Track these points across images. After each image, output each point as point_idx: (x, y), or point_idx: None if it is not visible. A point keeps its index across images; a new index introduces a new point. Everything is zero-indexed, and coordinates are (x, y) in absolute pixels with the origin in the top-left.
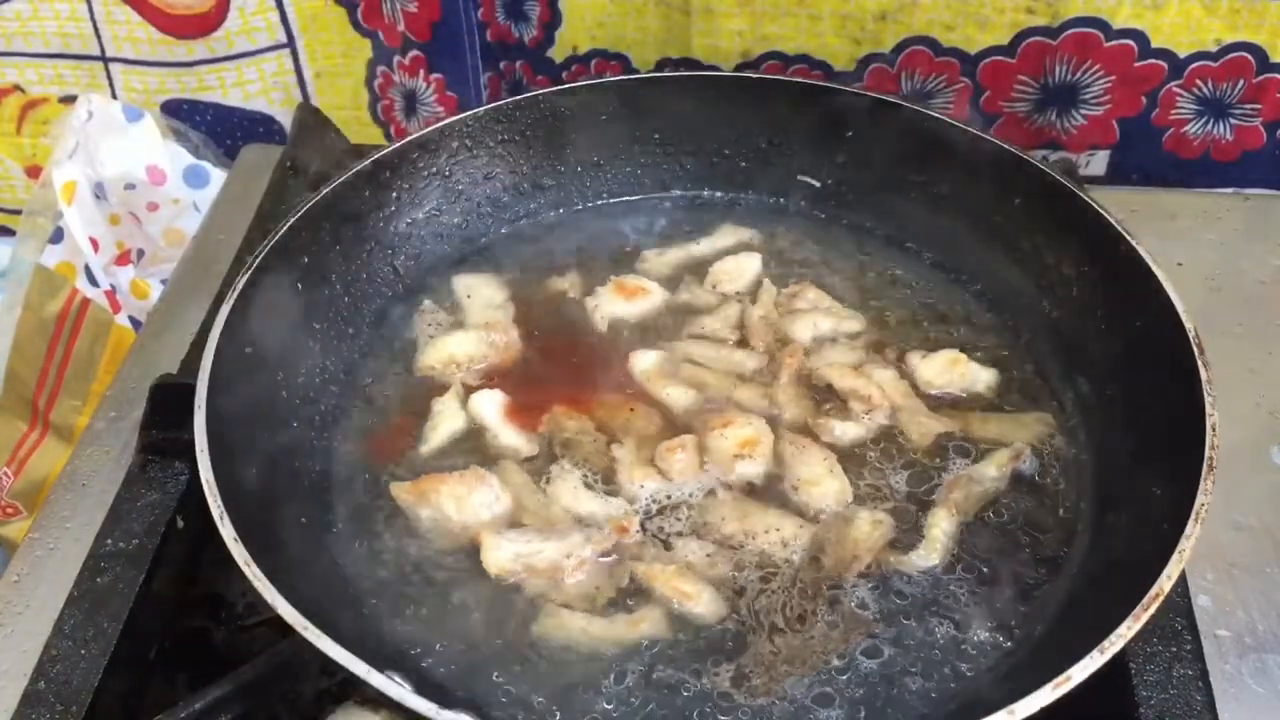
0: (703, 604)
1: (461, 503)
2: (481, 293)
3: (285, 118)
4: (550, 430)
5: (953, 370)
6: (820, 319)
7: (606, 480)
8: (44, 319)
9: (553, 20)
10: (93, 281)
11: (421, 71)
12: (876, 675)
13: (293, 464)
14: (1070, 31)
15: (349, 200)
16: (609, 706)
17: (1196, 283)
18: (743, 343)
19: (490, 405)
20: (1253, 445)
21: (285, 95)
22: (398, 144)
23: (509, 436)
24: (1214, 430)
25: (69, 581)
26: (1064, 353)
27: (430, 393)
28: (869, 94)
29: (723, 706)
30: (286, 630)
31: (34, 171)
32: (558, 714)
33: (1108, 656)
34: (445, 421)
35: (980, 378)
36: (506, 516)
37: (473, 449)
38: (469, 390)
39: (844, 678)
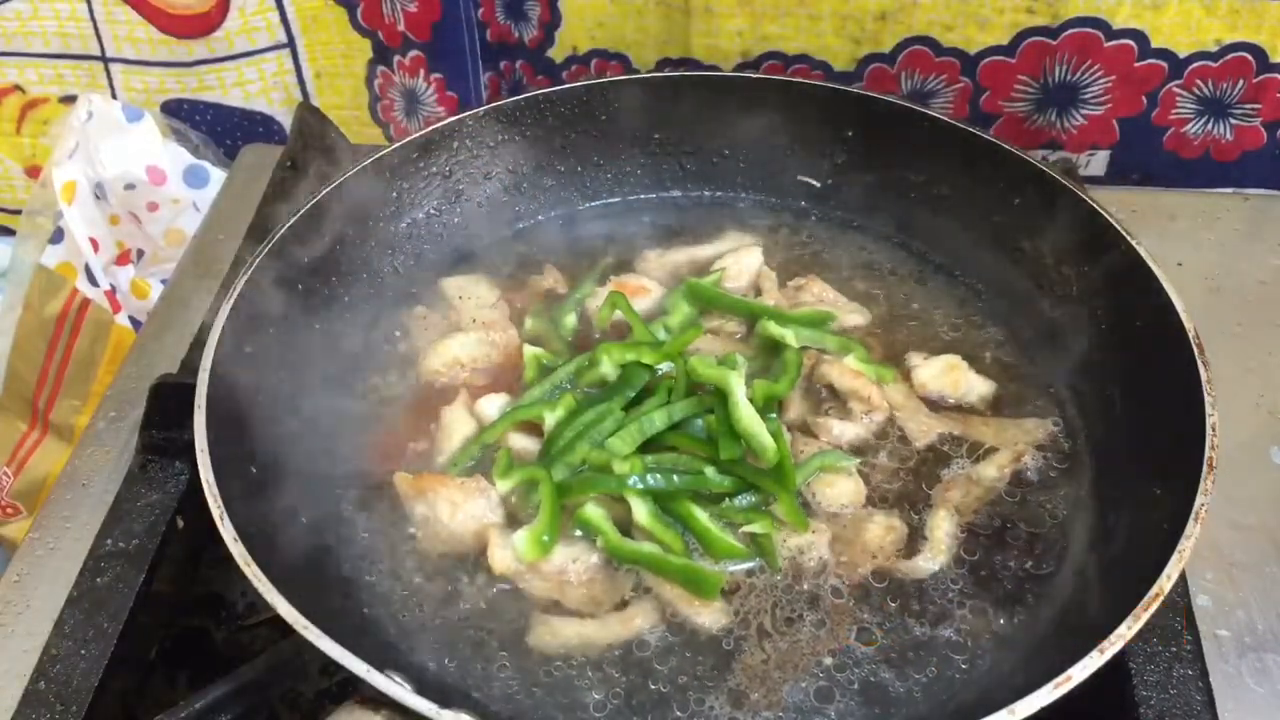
0: (706, 615)
1: (455, 509)
2: (474, 293)
3: (285, 118)
4: None
5: (948, 376)
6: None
7: None
8: (44, 319)
9: (553, 20)
10: (93, 281)
11: (421, 71)
12: (875, 676)
13: (293, 464)
14: (1070, 31)
15: (349, 200)
16: (611, 705)
17: (1196, 283)
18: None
19: (496, 410)
20: (1253, 445)
21: (285, 95)
22: (398, 144)
23: (517, 439)
24: (1214, 430)
25: (69, 581)
26: (1064, 353)
27: (430, 393)
28: (869, 94)
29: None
30: (286, 630)
31: (34, 171)
32: (558, 713)
33: (1108, 656)
34: (458, 429)
35: (975, 388)
36: (499, 528)
37: (486, 454)
38: (473, 392)
39: (840, 676)
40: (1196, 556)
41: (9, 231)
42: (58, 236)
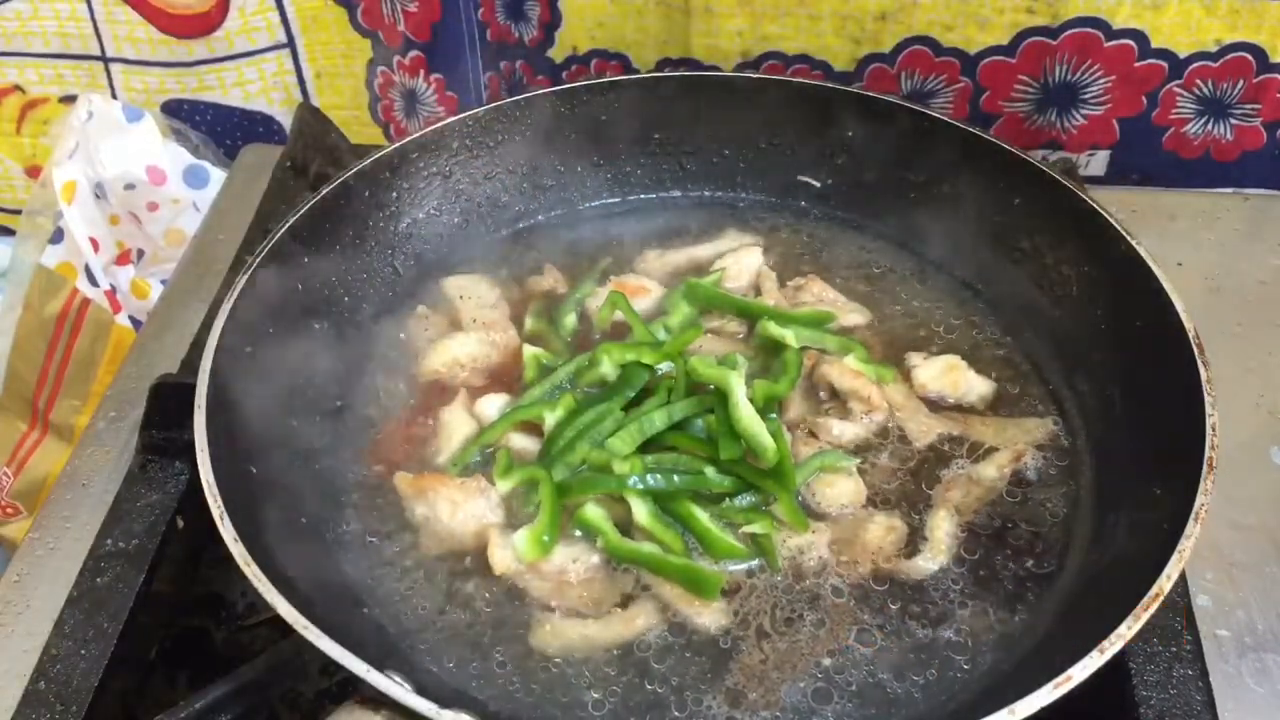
0: (706, 615)
1: (456, 509)
2: (474, 293)
3: (285, 118)
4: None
5: (948, 376)
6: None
7: None
8: (44, 319)
9: (553, 20)
10: (93, 281)
11: (421, 71)
12: (875, 676)
13: (293, 464)
14: (1070, 31)
15: (349, 200)
16: (609, 705)
17: (1196, 283)
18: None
19: (496, 410)
20: (1253, 445)
21: (285, 95)
22: (398, 144)
23: (517, 439)
24: (1214, 430)
25: (69, 581)
26: (1064, 353)
27: (431, 393)
28: (869, 94)
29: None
30: (286, 630)
31: (34, 171)
32: (557, 712)
33: (1108, 656)
34: (457, 430)
35: (975, 388)
36: (499, 528)
37: (487, 454)
38: (473, 393)
39: (839, 677)
40: (1196, 556)
41: (9, 231)
42: (58, 236)
